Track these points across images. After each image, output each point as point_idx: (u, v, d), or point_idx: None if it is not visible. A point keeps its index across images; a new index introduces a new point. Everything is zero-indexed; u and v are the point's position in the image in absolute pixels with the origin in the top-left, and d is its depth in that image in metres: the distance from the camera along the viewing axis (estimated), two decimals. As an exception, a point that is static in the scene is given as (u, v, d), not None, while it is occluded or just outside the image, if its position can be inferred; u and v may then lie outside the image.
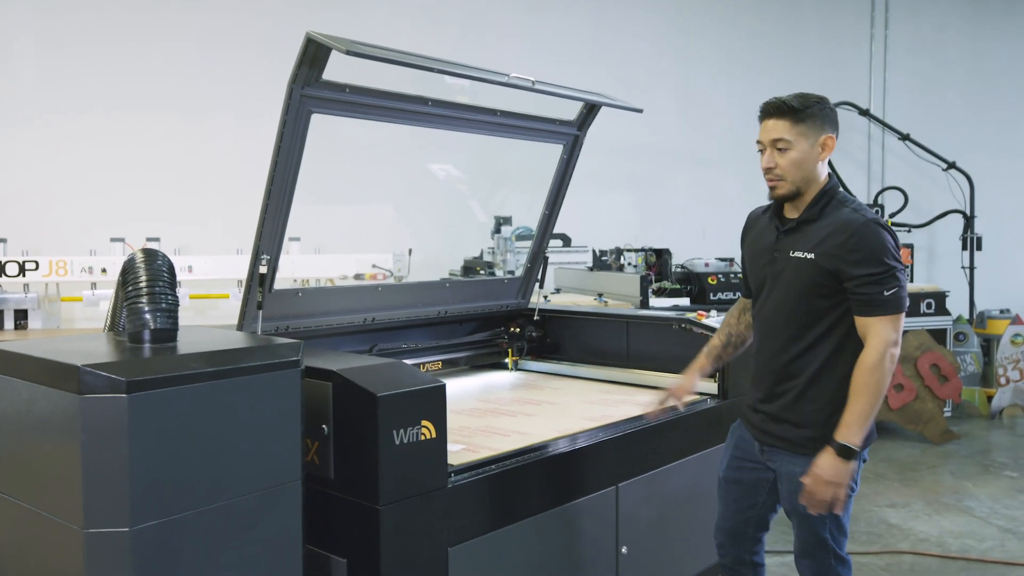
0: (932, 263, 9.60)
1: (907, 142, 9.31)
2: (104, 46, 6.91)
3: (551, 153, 3.78)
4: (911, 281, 7.71)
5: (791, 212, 2.46)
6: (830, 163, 2.51)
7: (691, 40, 8.94)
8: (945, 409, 6.56)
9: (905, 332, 6.37)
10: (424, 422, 2.21)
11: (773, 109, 2.36)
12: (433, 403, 2.25)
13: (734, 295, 7.13)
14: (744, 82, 9.10)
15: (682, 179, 8.79)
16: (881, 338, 2.26)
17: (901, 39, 9.78)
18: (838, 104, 9.14)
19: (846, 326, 2.34)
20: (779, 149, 2.35)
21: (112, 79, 6.91)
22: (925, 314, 6.85)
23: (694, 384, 2.79)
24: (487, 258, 6.70)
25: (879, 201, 8.24)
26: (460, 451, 2.57)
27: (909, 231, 7.85)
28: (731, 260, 7.60)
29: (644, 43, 8.70)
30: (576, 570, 2.76)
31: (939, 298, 6.95)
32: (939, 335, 6.74)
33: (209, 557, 1.91)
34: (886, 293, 2.26)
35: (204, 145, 7.14)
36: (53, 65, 6.82)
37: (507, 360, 3.94)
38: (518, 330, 3.94)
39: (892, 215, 7.91)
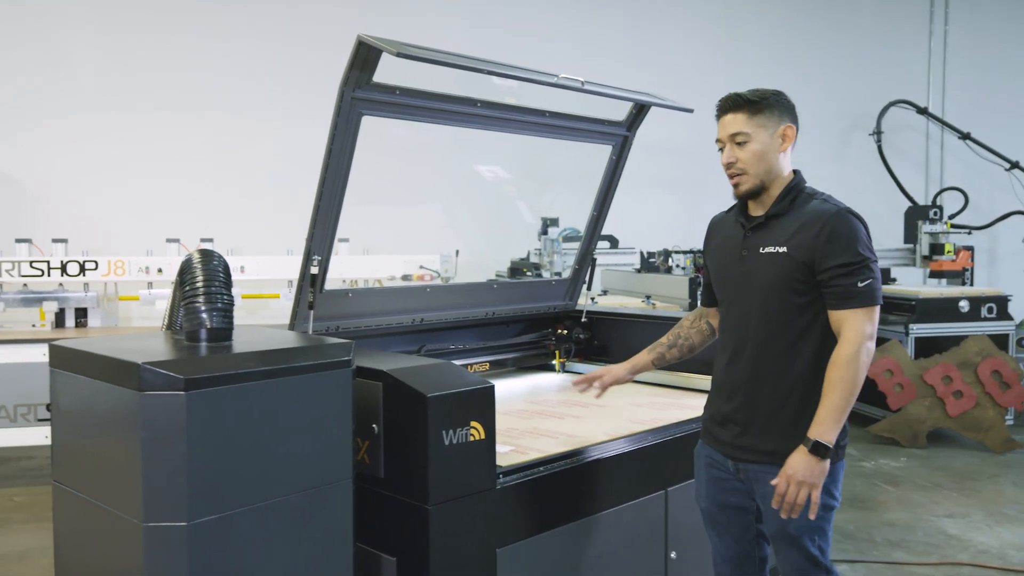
0: (993, 266, 9.33)
1: (967, 141, 9.06)
2: (158, 46, 7.10)
3: (599, 154, 3.76)
4: (971, 284, 7.50)
5: (757, 209, 2.35)
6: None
7: (739, 41, 8.84)
8: (1007, 417, 6.36)
9: (966, 337, 6.30)
10: (473, 423, 2.22)
11: (729, 104, 2.29)
12: (482, 404, 2.25)
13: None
14: (793, 82, 8.91)
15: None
16: (856, 331, 2.15)
17: (961, 34, 9.52)
18: (894, 103, 8.99)
19: (823, 325, 2.22)
20: (738, 143, 2.27)
21: (164, 80, 7.09)
22: (986, 319, 6.65)
23: (625, 376, 2.70)
24: (533, 259, 6.70)
25: (938, 202, 8.03)
26: (508, 452, 2.57)
27: (970, 233, 7.63)
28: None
29: (691, 44, 8.63)
30: (624, 575, 2.74)
31: (1001, 302, 6.75)
32: (1001, 340, 6.54)
33: (263, 552, 1.94)
34: (860, 284, 2.15)
35: (254, 146, 7.28)
36: (109, 66, 7.02)
37: (554, 362, 3.94)
38: (565, 332, 3.93)
39: (952, 216, 7.71)
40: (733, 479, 2.37)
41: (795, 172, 2.35)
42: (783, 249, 2.23)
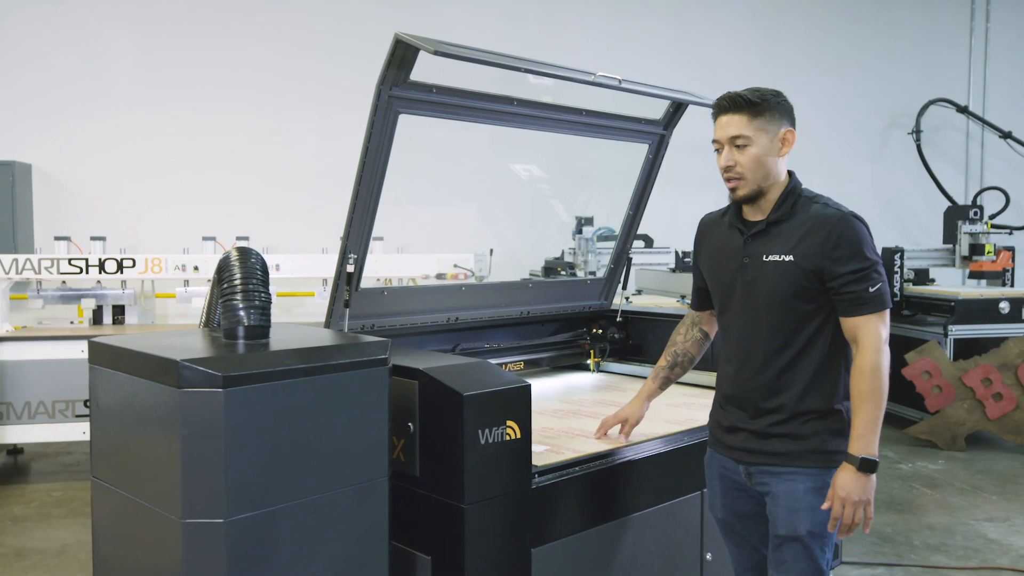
0: (1035, 267, 9.13)
1: (1008, 140, 8.87)
2: (196, 42, 7.18)
3: (634, 153, 3.73)
4: (1012, 285, 7.34)
5: (754, 214, 2.28)
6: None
7: (776, 40, 8.74)
8: (1049, 420, 6.22)
9: (1006, 339, 6.17)
10: (509, 422, 2.21)
11: (729, 104, 2.21)
12: (518, 403, 2.24)
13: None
14: (831, 81, 8.85)
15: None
16: (874, 338, 2.11)
17: (1003, 31, 9.33)
18: (933, 101, 8.83)
19: (832, 329, 2.19)
20: (738, 146, 2.19)
21: (202, 77, 7.18)
22: (1029, 320, 6.51)
23: (643, 412, 2.68)
24: (568, 259, 6.68)
25: (978, 202, 7.87)
26: (544, 452, 2.55)
27: (1011, 233, 7.47)
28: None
29: (727, 43, 8.55)
30: (661, 575, 2.72)
31: (1044, 303, 6.60)
32: (1043, 342, 6.39)
33: (299, 549, 1.94)
34: (872, 290, 2.12)
35: (291, 144, 7.34)
36: (147, 63, 7.12)
37: (589, 361, 3.91)
38: (600, 331, 3.90)
39: (992, 216, 7.55)
40: (746, 485, 2.31)
41: (790, 174, 2.28)
42: (789, 258, 2.17)
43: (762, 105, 2.18)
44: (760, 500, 2.30)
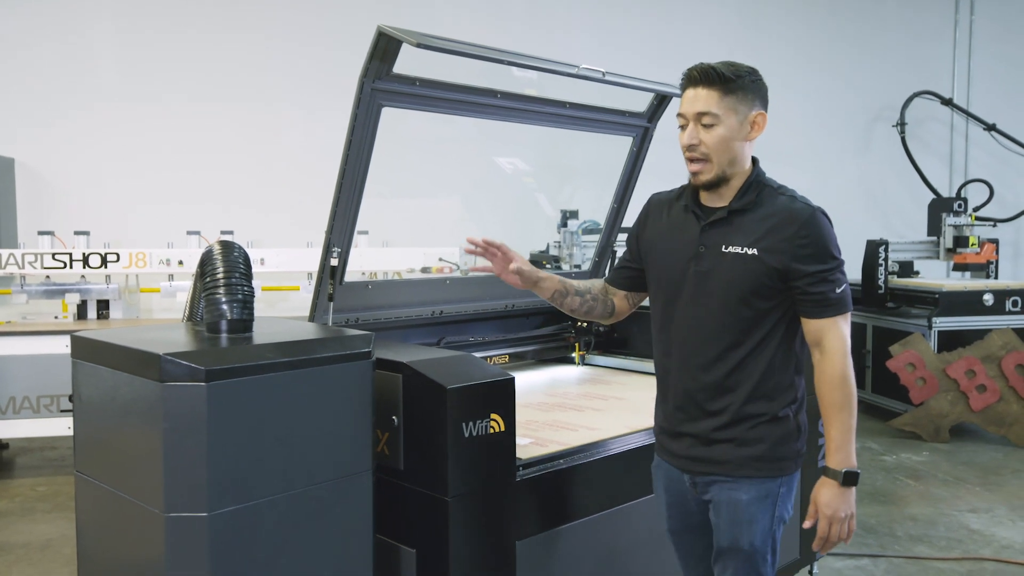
0: (1019, 259, 9.21)
1: (993, 132, 8.94)
2: (179, 37, 7.13)
3: (619, 146, 3.74)
4: (996, 277, 7.40)
5: (713, 200, 2.10)
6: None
7: (761, 32, 8.76)
8: (1031, 411, 6.28)
9: (990, 331, 6.22)
10: (493, 415, 2.21)
11: (701, 76, 2.02)
12: (502, 396, 2.25)
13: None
14: (816, 74, 8.88)
15: (752, 173, 8.61)
16: (841, 342, 1.99)
17: (988, 24, 9.38)
18: (918, 94, 8.87)
19: (785, 329, 2.06)
20: (704, 125, 2.01)
21: (185, 71, 7.14)
22: (1011, 312, 6.56)
23: (526, 272, 2.30)
24: (553, 252, 6.68)
25: (962, 194, 7.93)
26: (528, 445, 2.56)
27: (995, 225, 7.53)
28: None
29: (712, 36, 8.56)
30: (645, 567, 2.73)
31: (1026, 295, 6.67)
32: (1025, 334, 6.46)
33: (283, 543, 1.94)
34: (837, 291, 1.99)
35: (275, 139, 7.31)
36: (130, 57, 7.06)
37: (574, 354, 3.92)
38: (585, 324, 3.91)
39: (976, 209, 7.61)
40: (691, 495, 2.18)
41: (755, 161, 2.12)
42: (752, 251, 2.00)
43: (736, 82, 2.01)
44: (706, 509, 2.17)
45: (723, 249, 2.05)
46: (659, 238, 2.19)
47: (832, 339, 2.00)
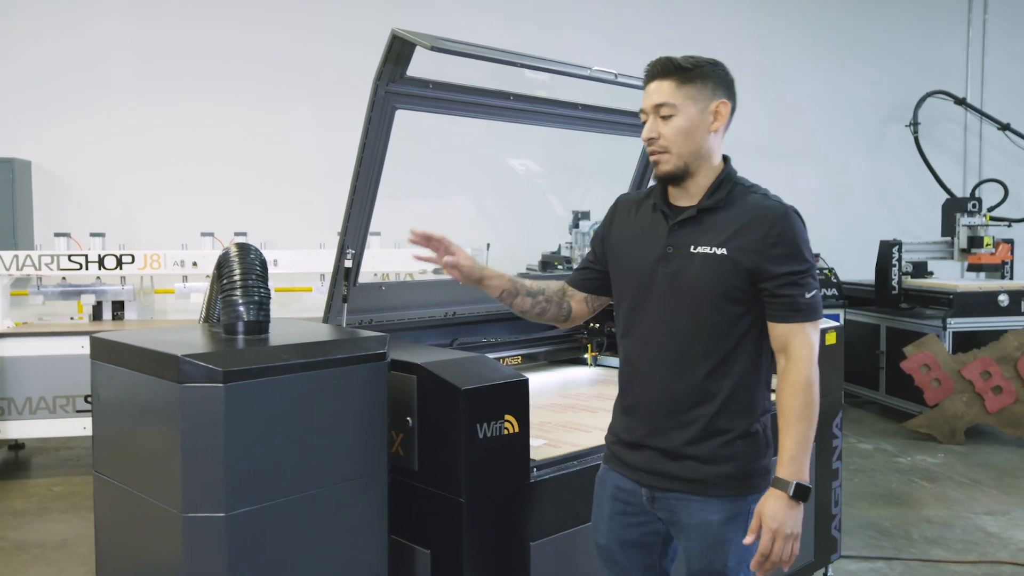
0: (1034, 259, 9.15)
1: (1007, 132, 8.87)
2: (192, 36, 7.17)
3: (631, 147, 3.74)
4: (1011, 278, 7.36)
5: (682, 199, 2.01)
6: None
7: (773, 33, 8.73)
8: (1047, 413, 6.24)
9: (1005, 332, 6.18)
10: (507, 416, 2.22)
11: (658, 69, 1.96)
12: (516, 397, 2.25)
13: (818, 290, 6.94)
14: (828, 74, 8.84)
15: (763, 174, 8.43)
16: (808, 349, 1.90)
17: (1001, 23, 9.31)
18: (931, 94, 8.81)
19: (756, 336, 1.96)
20: (662, 116, 1.95)
21: (198, 72, 7.16)
22: (1027, 313, 6.53)
23: (477, 274, 2.19)
24: (564, 253, 6.68)
25: (976, 194, 7.88)
26: (542, 446, 2.56)
27: (1009, 225, 7.47)
28: (816, 255, 7.38)
29: (723, 36, 8.54)
30: (658, 569, 2.73)
31: (1042, 296, 6.62)
32: (1041, 335, 6.41)
33: (299, 543, 1.96)
34: (807, 296, 1.90)
35: (287, 138, 7.34)
36: (144, 57, 7.11)
37: (586, 355, 3.92)
38: (597, 325, 3.91)
39: (991, 209, 7.55)
40: (642, 511, 2.04)
41: (726, 158, 2.05)
42: (722, 251, 1.91)
43: (693, 72, 1.94)
44: (653, 527, 2.05)
45: (692, 249, 1.95)
46: (626, 238, 2.10)
47: (799, 345, 1.90)
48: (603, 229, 2.20)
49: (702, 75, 1.95)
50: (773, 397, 1.97)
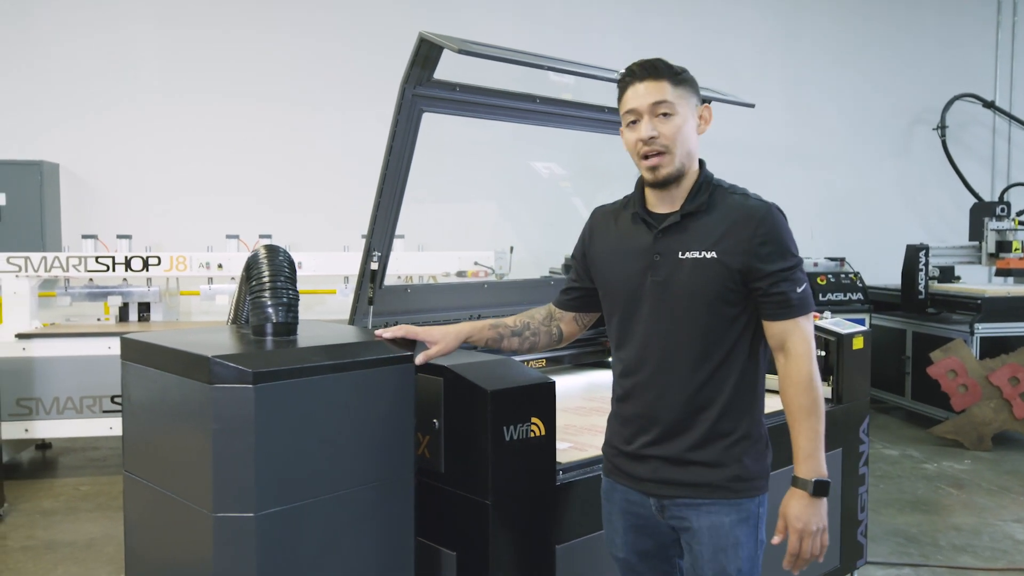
0: (1062, 264, 9.00)
1: (1036, 135, 8.77)
2: (222, 39, 7.24)
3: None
4: (1040, 283, 7.26)
5: (663, 206, 1.99)
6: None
7: (797, 38, 8.69)
8: (1077, 420, 6.14)
9: (1035, 336, 6.08)
10: (534, 419, 2.21)
11: (649, 70, 1.94)
12: (543, 400, 2.25)
13: (844, 296, 6.88)
14: (853, 78, 8.78)
15: (789, 178, 8.54)
16: (806, 344, 1.91)
17: (1031, 25, 9.21)
18: (959, 96, 8.74)
19: (751, 337, 1.96)
20: (663, 114, 1.91)
21: (226, 74, 7.23)
22: (1056, 318, 6.44)
23: (452, 349, 2.20)
24: (588, 256, 6.66)
25: (1005, 198, 7.78)
26: (568, 449, 2.56)
27: (1039, 230, 7.39)
28: (841, 260, 7.32)
29: (748, 41, 8.51)
30: (683, 574, 2.71)
31: (1073, 301, 6.52)
32: (1071, 341, 6.32)
33: (327, 544, 1.96)
34: (799, 290, 1.90)
35: (312, 141, 7.39)
36: (172, 60, 7.18)
37: (610, 358, 3.91)
38: (622, 329, 3.90)
39: (1020, 213, 7.45)
40: (654, 520, 2.03)
41: (701, 163, 2.02)
42: (712, 255, 1.90)
43: (681, 75, 1.96)
44: (666, 536, 2.04)
45: (680, 256, 1.94)
46: (609, 251, 2.08)
47: (796, 341, 1.91)
48: (583, 245, 2.19)
49: (686, 80, 1.97)
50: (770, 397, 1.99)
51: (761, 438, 2.00)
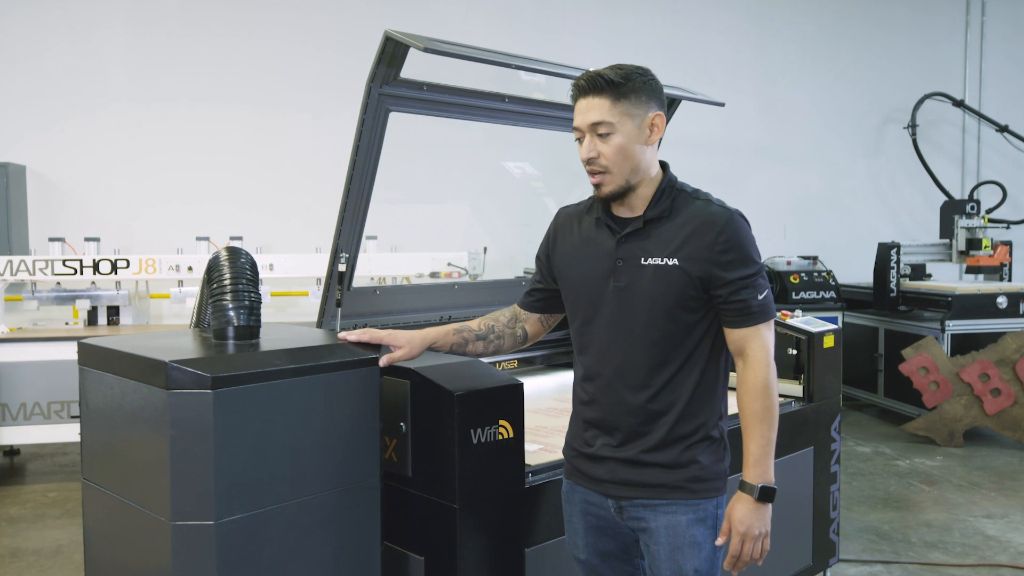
0: (1032, 261, 9.14)
1: (1005, 134, 8.87)
2: (188, 42, 7.15)
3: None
4: (1009, 280, 7.34)
5: (626, 211, 1.99)
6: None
7: (770, 35, 8.73)
8: (1046, 415, 6.22)
9: (1004, 334, 6.17)
10: (502, 421, 2.20)
11: (589, 85, 1.90)
12: (511, 402, 2.23)
13: (817, 294, 6.92)
14: (825, 76, 8.83)
15: (762, 176, 8.59)
16: (765, 351, 1.92)
17: (999, 25, 9.32)
18: (929, 96, 8.81)
19: (712, 342, 1.97)
20: (600, 135, 1.90)
21: (194, 76, 7.15)
22: (1025, 315, 6.51)
23: (418, 355, 2.17)
24: (562, 256, 6.66)
25: (975, 196, 7.87)
26: (537, 451, 2.54)
27: (1008, 227, 7.47)
28: (814, 258, 7.37)
29: (722, 40, 8.54)
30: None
31: (1040, 298, 6.60)
32: (1040, 337, 6.39)
33: (290, 551, 1.93)
34: (760, 298, 1.91)
35: (284, 144, 7.32)
36: (139, 63, 7.08)
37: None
38: (595, 329, 3.89)
39: (989, 211, 7.55)
40: (613, 522, 2.04)
41: (663, 165, 2.02)
42: (673, 261, 1.90)
43: (626, 86, 1.89)
44: (626, 537, 2.05)
45: (642, 261, 1.94)
46: (572, 254, 2.08)
47: (755, 348, 1.92)
48: (547, 246, 2.18)
49: (635, 88, 1.91)
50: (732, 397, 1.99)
51: (720, 440, 2.00)
